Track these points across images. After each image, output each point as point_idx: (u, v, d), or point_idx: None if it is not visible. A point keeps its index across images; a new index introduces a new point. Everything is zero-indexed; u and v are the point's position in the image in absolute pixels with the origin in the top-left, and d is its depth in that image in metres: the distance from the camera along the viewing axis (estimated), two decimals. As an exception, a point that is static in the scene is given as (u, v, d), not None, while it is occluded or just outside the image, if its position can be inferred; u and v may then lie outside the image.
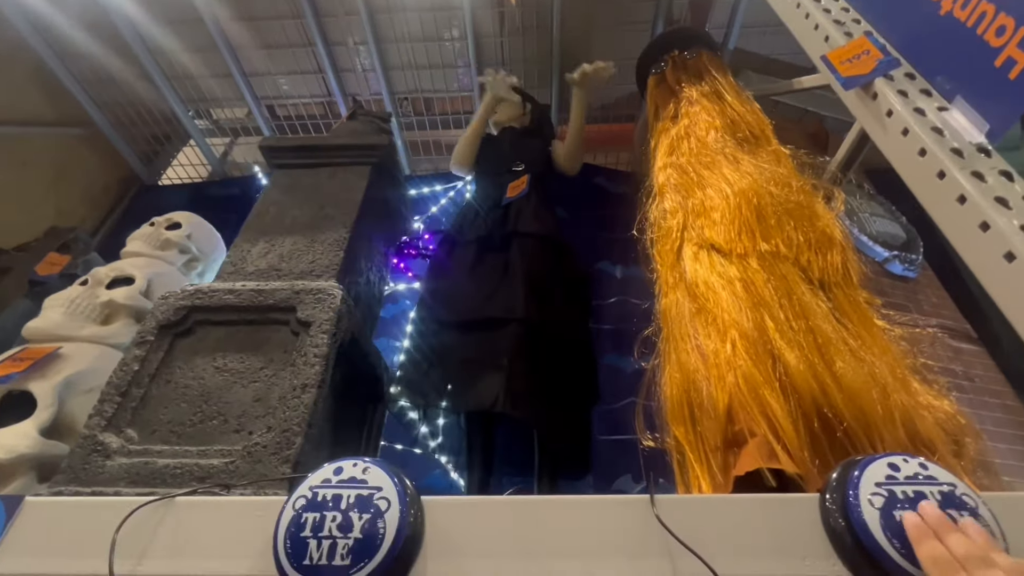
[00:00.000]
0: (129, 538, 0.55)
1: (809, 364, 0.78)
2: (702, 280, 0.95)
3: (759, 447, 0.69)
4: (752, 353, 0.80)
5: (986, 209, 0.85)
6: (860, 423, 0.73)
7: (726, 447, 0.75)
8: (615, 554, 0.53)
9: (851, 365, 0.82)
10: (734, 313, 0.86)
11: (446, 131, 3.05)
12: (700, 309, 0.92)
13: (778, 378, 0.77)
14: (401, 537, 0.51)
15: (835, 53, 1.22)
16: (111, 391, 1.03)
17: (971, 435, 0.91)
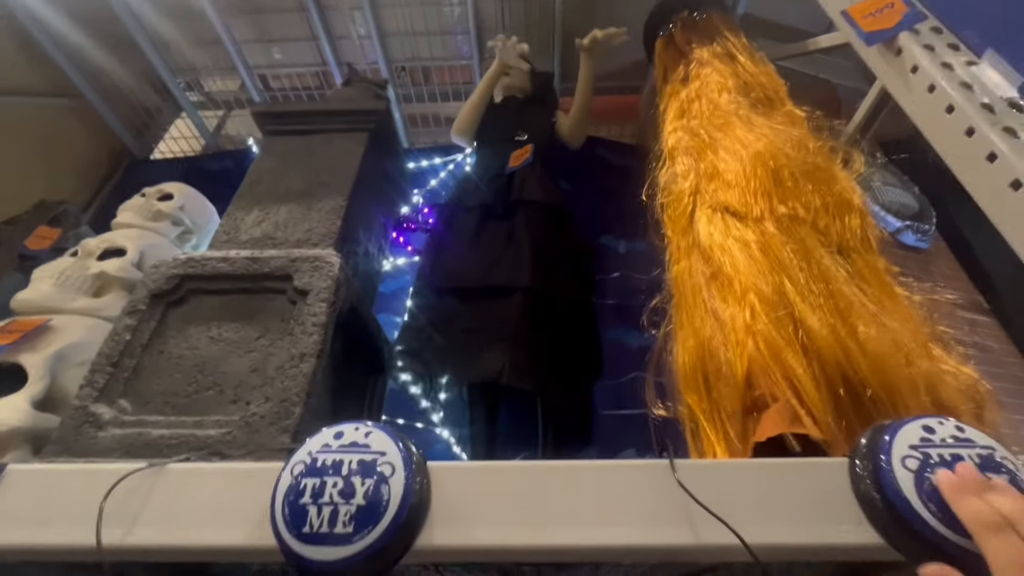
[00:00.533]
0: (119, 507, 0.52)
1: (832, 328, 0.75)
2: (717, 244, 0.91)
3: (781, 412, 0.66)
4: (772, 317, 0.76)
5: (1018, 166, 0.81)
6: (885, 388, 0.70)
7: (745, 413, 0.72)
8: (634, 521, 0.50)
9: (874, 330, 0.78)
10: (752, 276, 0.82)
11: (445, 103, 2.97)
12: (715, 274, 0.89)
13: (800, 342, 0.74)
14: (406, 504, 0.48)
15: (857, 7, 1.16)
16: (102, 361, 1.00)
17: (992, 403, 0.88)
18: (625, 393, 2.03)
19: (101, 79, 2.76)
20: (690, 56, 1.40)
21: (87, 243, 1.56)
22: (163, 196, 1.81)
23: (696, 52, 1.38)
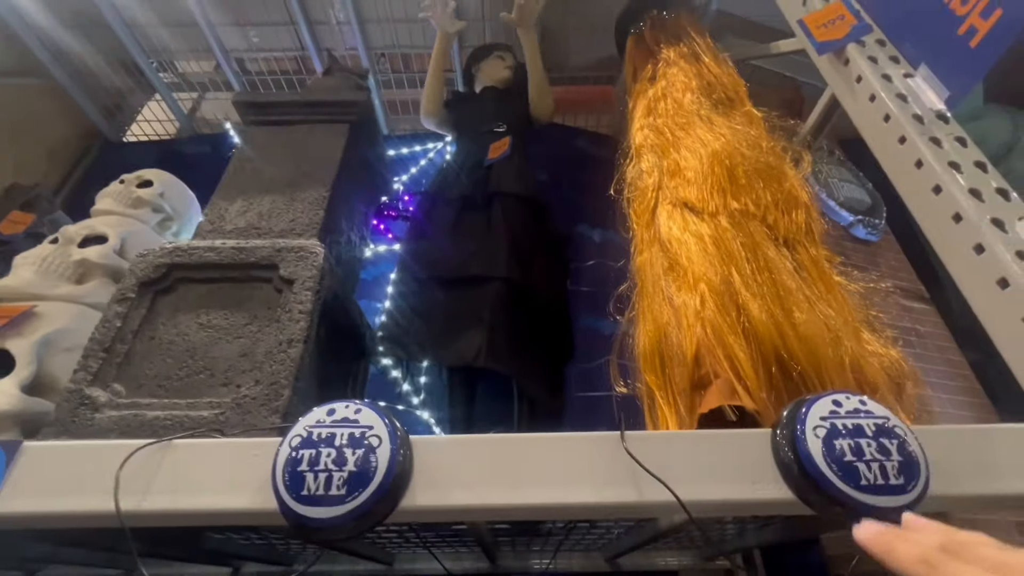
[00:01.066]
0: (131, 478, 0.58)
1: (770, 314, 0.84)
2: (675, 238, 0.99)
3: (722, 387, 0.76)
4: (719, 304, 0.85)
5: (940, 174, 0.91)
6: (813, 367, 0.80)
7: (692, 389, 0.82)
8: (588, 482, 0.58)
9: (808, 315, 0.88)
10: (704, 268, 0.91)
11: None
12: (672, 265, 0.97)
13: (742, 326, 0.83)
14: (392, 470, 0.55)
15: (811, 17, 1.24)
16: (94, 347, 1.04)
17: (912, 380, 0.99)
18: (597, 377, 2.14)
19: (71, 58, 2.70)
20: (658, 55, 1.47)
21: (67, 230, 1.56)
22: (142, 183, 1.81)
23: (664, 52, 1.45)
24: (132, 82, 2.94)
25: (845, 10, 1.19)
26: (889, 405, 0.77)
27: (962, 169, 0.90)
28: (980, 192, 0.87)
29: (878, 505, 0.53)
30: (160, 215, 1.82)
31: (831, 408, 0.59)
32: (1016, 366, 0.76)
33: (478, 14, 2.51)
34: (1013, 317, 0.77)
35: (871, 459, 0.55)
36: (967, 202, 0.86)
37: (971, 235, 0.84)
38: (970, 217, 0.84)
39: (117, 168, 2.90)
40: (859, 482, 0.54)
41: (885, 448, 0.56)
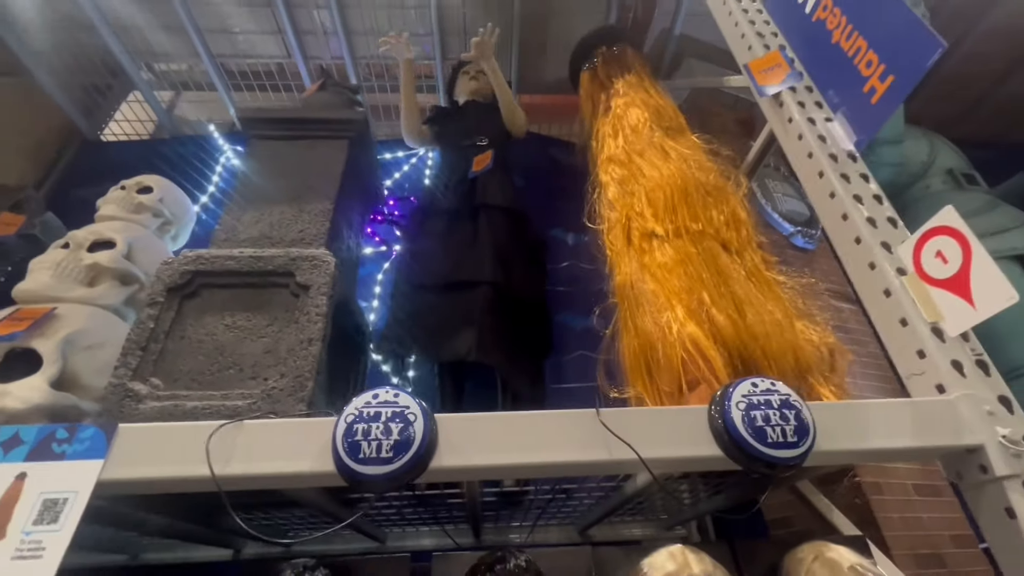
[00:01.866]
0: (215, 449, 0.73)
1: (731, 321, 1.05)
2: (650, 263, 1.19)
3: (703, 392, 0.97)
4: (696, 319, 1.05)
5: (847, 204, 1.14)
6: (764, 358, 1.02)
7: (679, 391, 1.02)
8: (573, 445, 0.77)
9: (757, 315, 1.10)
10: (677, 290, 1.11)
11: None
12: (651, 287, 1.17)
13: (714, 336, 1.04)
14: (426, 439, 0.73)
15: (755, 63, 1.46)
16: (131, 346, 1.16)
17: (840, 352, 1.22)
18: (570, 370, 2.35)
19: (50, 56, 2.70)
20: (611, 88, 1.66)
21: (76, 235, 1.65)
22: (142, 188, 1.90)
23: (616, 83, 1.65)
24: (110, 79, 2.95)
25: (782, 59, 1.42)
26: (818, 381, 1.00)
27: (863, 201, 1.13)
28: (875, 220, 1.10)
29: (780, 456, 0.74)
30: (160, 219, 1.92)
31: (750, 388, 0.80)
32: (895, 355, 1.00)
33: (459, 28, 2.67)
34: (893, 320, 1.00)
35: (775, 424, 0.76)
36: (865, 228, 1.09)
37: (866, 255, 1.07)
38: (866, 240, 1.07)
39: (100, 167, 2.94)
40: (766, 440, 0.75)
41: (786, 416, 0.77)
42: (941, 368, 0.90)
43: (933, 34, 0.99)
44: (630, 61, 1.76)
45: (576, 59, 1.97)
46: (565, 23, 2.69)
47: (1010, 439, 0.80)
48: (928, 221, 0.96)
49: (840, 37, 1.26)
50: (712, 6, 1.75)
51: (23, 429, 0.76)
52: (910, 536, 1.37)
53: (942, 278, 0.92)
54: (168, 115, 3.10)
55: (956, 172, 2.22)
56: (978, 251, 0.86)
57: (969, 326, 0.88)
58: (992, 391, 0.88)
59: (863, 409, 0.85)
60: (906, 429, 0.83)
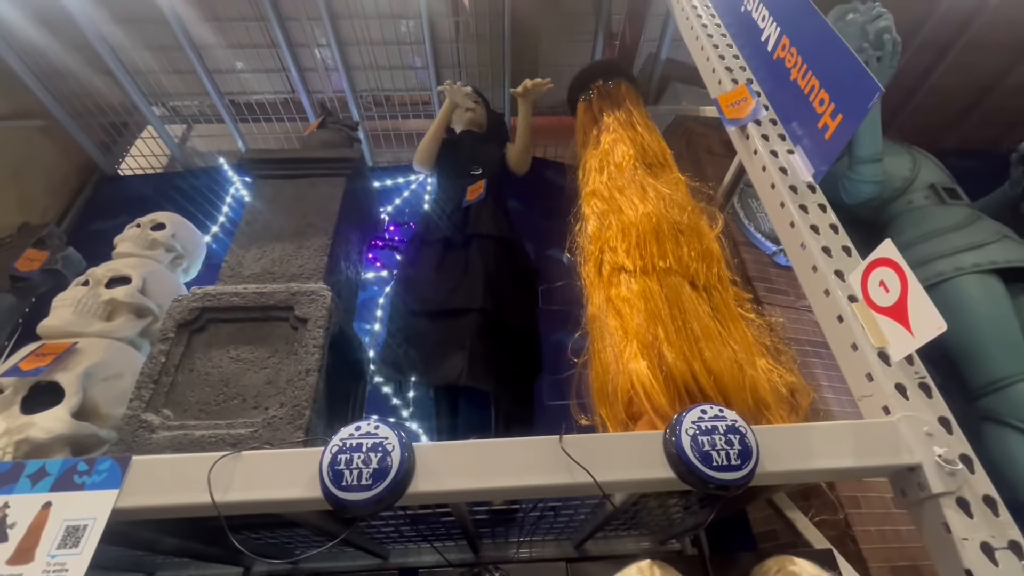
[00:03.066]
0: (216, 479, 0.83)
1: (685, 359, 1.11)
2: (615, 297, 1.27)
3: (646, 424, 1.04)
4: (646, 355, 1.13)
5: (805, 234, 1.21)
6: (718, 396, 1.08)
7: (629, 420, 1.09)
8: (535, 472, 0.85)
9: (715, 353, 1.16)
10: (636, 325, 1.18)
11: (405, 121, 3.24)
12: (615, 319, 1.25)
13: (662, 372, 1.11)
14: (403, 467, 0.81)
15: (724, 96, 1.55)
16: (145, 379, 1.27)
17: (802, 392, 1.28)
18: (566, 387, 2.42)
19: (71, 100, 2.88)
20: (601, 123, 1.76)
21: (94, 272, 1.77)
22: (156, 225, 2.03)
23: (606, 119, 1.75)
24: (127, 117, 3.13)
25: (747, 94, 1.50)
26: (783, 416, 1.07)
27: (819, 231, 1.20)
28: (830, 249, 1.17)
29: (723, 479, 0.81)
30: (172, 254, 2.04)
31: (699, 415, 0.87)
32: (848, 377, 1.07)
33: (454, 61, 2.80)
34: (846, 344, 1.07)
35: (721, 448, 0.83)
36: (820, 257, 1.16)
37: (822, 282, 1.14)
38: (822, 268, 1.15)
39: (116, 202, 3.11)
40: (711, 464, 0.82)
41: (731, 441, 0.84)
42: (886, 391, 0.96)
43: (872, 79, 1.07)
44: (623, 96, 1.85)
45: (574, 90, 2.08)
46: (555, 49, 2.82)
47: (945, 458, 0.86)
48: (872, 253, 1.03)
49: (797, 75, 1.34)
50: (687, 40, 1.84)
51: (49, 463, 0.86)
52: (887, 549, 1.41)
53: (885, 306, 0.99)
54: (180, 149, 3.26)
55: (938, 187, 2.27)
56: (913, 283, 0.93)
57: (909, 352, 0.94)
58: (933, 412, 0.94)
59: (808, 431, 0.92)
60: (849, 449, 0.90)
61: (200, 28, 2.50)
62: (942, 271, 2.01)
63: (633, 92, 1.93)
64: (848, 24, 2.08)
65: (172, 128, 3.25)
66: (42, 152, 2.94)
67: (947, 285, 1.98)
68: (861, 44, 2.02)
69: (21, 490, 0.83)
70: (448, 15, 2.55)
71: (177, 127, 3.35)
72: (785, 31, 1.40)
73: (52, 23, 2.47)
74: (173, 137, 3.19)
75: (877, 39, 1.99)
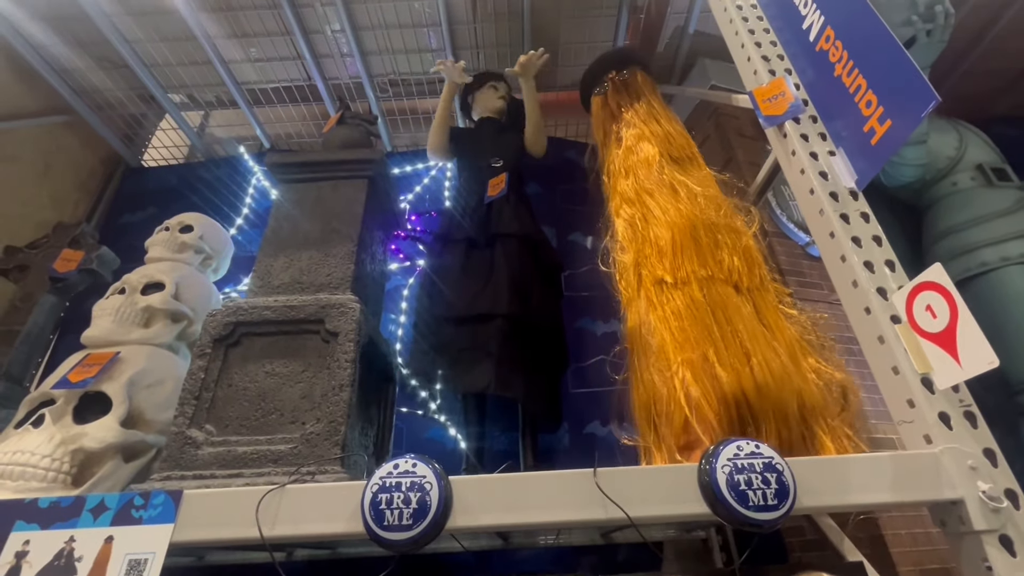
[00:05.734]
0: (263, 512, 0.86)
1: (737, 376, 1.09)
2: (656, 312, 1.24)
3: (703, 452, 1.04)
4: (699, 379, 1.11)
5: (845, 246, 1.16)
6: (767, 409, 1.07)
7: (681, 449, 1.09)
8: (570, 507, 0.86)
9: (762, 362, 1.13)
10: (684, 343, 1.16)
11: (422, 100, 3.15)
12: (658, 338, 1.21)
13: (717, 394, 1.09)
14: (441, 505, 0.83)
15: (759, 90, 1.46)
16: (187, 396, 1.31)
17: (852, 390, 1.26)
18: (591, 374, 2.43)
19: (90, 93, 2.89)
20: (620, 119, 1.68)
21: (129, 279, 1.82)
22: (184, 228, 2.06)
23: (626, 114, 1.67)
24: (146, 107, 3.13)
25: (786, 87, 1.42)
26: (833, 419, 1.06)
27: (861, 244, 1.15)
28: (872, 264, 1.12)
29: (759, 518, 0.81)
30: (201, 255, 2.08)
31: (735, 452, 0.87)
32: (888, 400, 1.04)
33: (471, 43, 2.70)
34: (886, 367, 1.04)
35: (757, 487, 0.83)
36: (862, 272, 1.11)
37: (862, 299, 1.10)
38: (863, 284, 1.10)
39: (143, 194, 3.15)
40: (747, 504, 0.82)
41: (767, 480, 0.84)
42: (928, 420, 0.94)
43: (928, 87, 0.99)
44: (640, 87, 1.76)
45: (586, 85, 1.98)
46: (576, 27, 2.68)
47: (989, 495, 0.85)
48: (919, 275, 0.98)
49: (842, 71, 1.25)
50: (721, 24, 1.73)
51: (108, 497, 0.91)
52: (917, 552, 1.42)
53: (932, 332, 0.95)
54: (200, 138, 3.26)
55: (986, 167, 2.14)
56: (963, 312, 0.89)
57: (956, 382, 0.91)
58: (978, 444, 0.92)
59: (846, 464, 0.91)
60: (887, 483, 0.89)
61: (213, 18, 2.45)
62: (987, 260, 1.93)
63: (649, 81, 1.83)
64: (896, -7, 1.93)
65: (190, 116, 3.24)
66: (68, 147, 2.98)
67: (992, 276, 1.90)
68: (910, 16, 1.87)
69: (84, 524, 0.88)
70: (465, -6, 2.45)
71: (195, 114, 3.34)
72: (830, 21, 1.31)
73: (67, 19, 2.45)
74: (192, 126, 3.19)
75: (928, 11, 1.84)
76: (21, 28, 2.46)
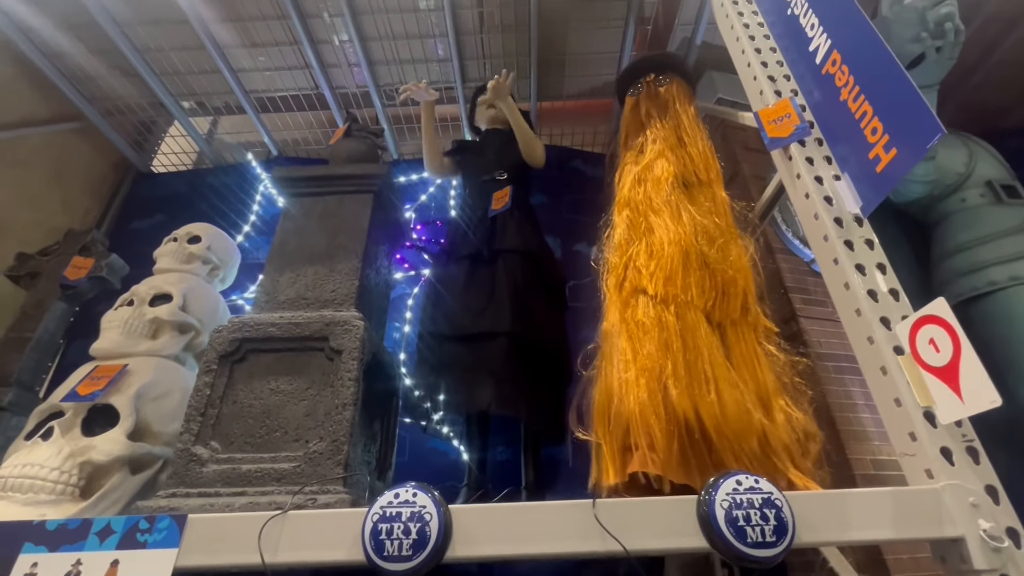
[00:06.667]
0: (265, 538, 0.88)
1: (690, 396, 1.10)
2: (631, 319, 1.25)
3: (642, 457, 1.04)
4: (649, 386, 1.12)
5: (849, 273, 1.16)
6: (724, 438, 1.07)
7: (624, 450, 1.10)
8: (569, 539, 0.87)
9: (726, 394, 1.13)
10: (646, 354, 1.17)
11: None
12: (626, 342, 1.23)
13: (664, 408, 1.09)
14: (440, 536, 0.84)
15: (765, 111, 1.46)
16: (193, 412, 1.33)
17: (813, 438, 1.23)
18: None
19: (103, 101, 2.92)
20: (647, 130, 1.67)
21: (138, 290, 1.84)
22: (192, 238, 2.08)
23: (654, 128, 1.66)
24: (155, 114, 3.16)
25: (791, 109, 1.41)
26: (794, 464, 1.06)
27: (865, 271, 1.15)
28: (876, 293, 1.12)
29: (757, 555, 0.81)
30: (209, 266, 2.10)
31: (734, 486, 0.87)
32: (890, 431, 1.04)
33: (478, 53, 2.70)
34: (888, 398, 1.03)
35: (756, 524, 0.83)
36: (865, 302, 1.11)
37: (865, 328, 1.10)
38: (866, 314, 1.10)
39: (151, 200, 3.18)
40: (746, 540, 0.82)
41: (766, 516, 0.84)
42: (930, 454, 0.94)
43: (935, 119, 0.99)
44: (672, 98, 1.73)
45: (623, 82, 1.96)
46: (583, 37, 2.68)
47: (991, 533, 0.85)
48: (922, 309, 0.98)
49: (847, 96, 1.25)
50: (727, 41, 1.73)
51: (114, 520, 0.92)
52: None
53: (935, 366, 0.95)
54: (208, 144, 3.29)
55: (996, 184, 2.11)
56: (966, 348, 0.89)
57: (958, 418, 0.91)
58: (980, 480, 0.91)
59: (846, 498, 0.91)
60: (888, 519, 0.89)
61: (224, 28, 2.47)
62: (995, 280, 1.91)
63: (685, 91, 1.80)
64: (906, 9, 1.92)
65: (198, 122, 3.27)
66: (80, 153, 3.01)
67: (1000, 295, 1.88)
68: (919, 33, 1.86)
69: (91, 547, 0.89)
70: (472, 6, 2.45)
71: (203, 121, 3.37)
72: (836, 45, 1.30)
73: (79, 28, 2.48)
74: (200, 133, 3.22)
75: (938, 28, 1.83)
76: (35, 38, 2.49)
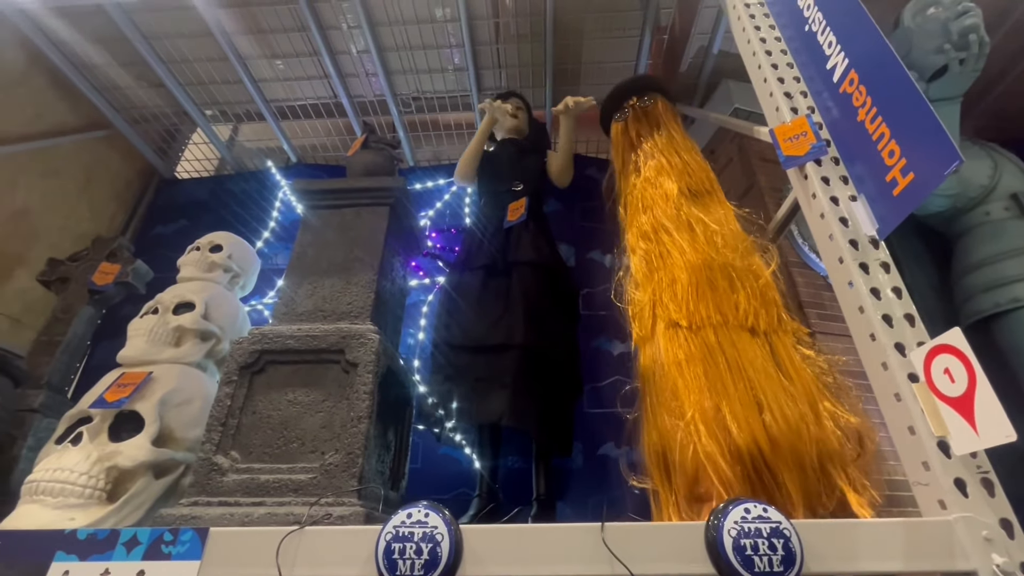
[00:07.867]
0: (283, 554, 0.91)
1: (750, 430, 1.08)
2: (669, 356, 1.23)
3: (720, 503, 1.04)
4: (712, 433, 1.10)
5: (864, 296, 1.15)
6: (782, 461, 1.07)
7: (693, 500, 1.09)
8: (577, 562, 0.88)
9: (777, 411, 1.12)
10: (697, 391, 1.15)
11: (444, 114, 3.18)
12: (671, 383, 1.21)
13: (729, 447, 1.08)
14: (451, 556, 0.86)
15: (780, 129, 1.45)
16: (214, 423, 1.37)
17: (869, 435, 1.24)
18: (606, 394, 2.44)
19: (127, 109, 3.01)
20: (640, 149, 1.67)
21: (162, 299, 1.90)
22: (213, 247, 2.13)
23: (645, 145, 1.66)
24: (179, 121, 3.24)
25: (808, 127, 1.40)
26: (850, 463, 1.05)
27: (880, 296, 1.14)
28: (891, 318, 1.11)
29: (765, 585, 0.82)
30: (230, 274, 2.15)
31: (742, 514, 0.88)
32: (903, 459, 1.03)
33: (494, 62, 2.72)
34: (902, 425, 1.03)
35: (763, 553, 0.84)
36: (880, 326, 1.10)
37: (880, 354, 1.09)
38: (880, 339, 1.09)
39: (176, 206, 3.27)
40: (752, 569, 0.83)
41: (774, 545, 0.84)
42: (944, 485, 0.93)
43: (953, 147, 0.98)
44: (660, 115, 1.76)
45: (607, 110, 1.99)
46: (599, 47, 2.69)
47: (1004, 569, 0.84)
48: (937, 338, 0.97)
49: (865, 117, 1.24)
50: (744, 55, 1.72)
51: (140, 531, 0.96)
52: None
53: (950, 396, 0.94)
54: (229, 151, 3.37)
55: (1021, 197, 2.07)
56: (982, 381, 0.88)
57: (972, 450, 0.90)
58: (995, 513, 0.90)
59: (856, 529, 0.91)
60: (899, 550, 0.88)
61: (245, 40, 2.53)
62: (1019, 296, 1.87)
63: (670, 109, 1.82)
64: (929, 20, 1.89)
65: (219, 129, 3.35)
66: (107, 160, 3.11)
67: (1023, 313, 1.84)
68: (942, 44, 1.83)
69: (119, 557, 0.93)
70: (488, 17, 2.47)
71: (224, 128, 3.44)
72: (854, 65, 1.29)
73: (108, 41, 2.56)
74: (222, 140, 3.29)
75: (962, 39, 1.80)
76: (67, 51, 2.58)
